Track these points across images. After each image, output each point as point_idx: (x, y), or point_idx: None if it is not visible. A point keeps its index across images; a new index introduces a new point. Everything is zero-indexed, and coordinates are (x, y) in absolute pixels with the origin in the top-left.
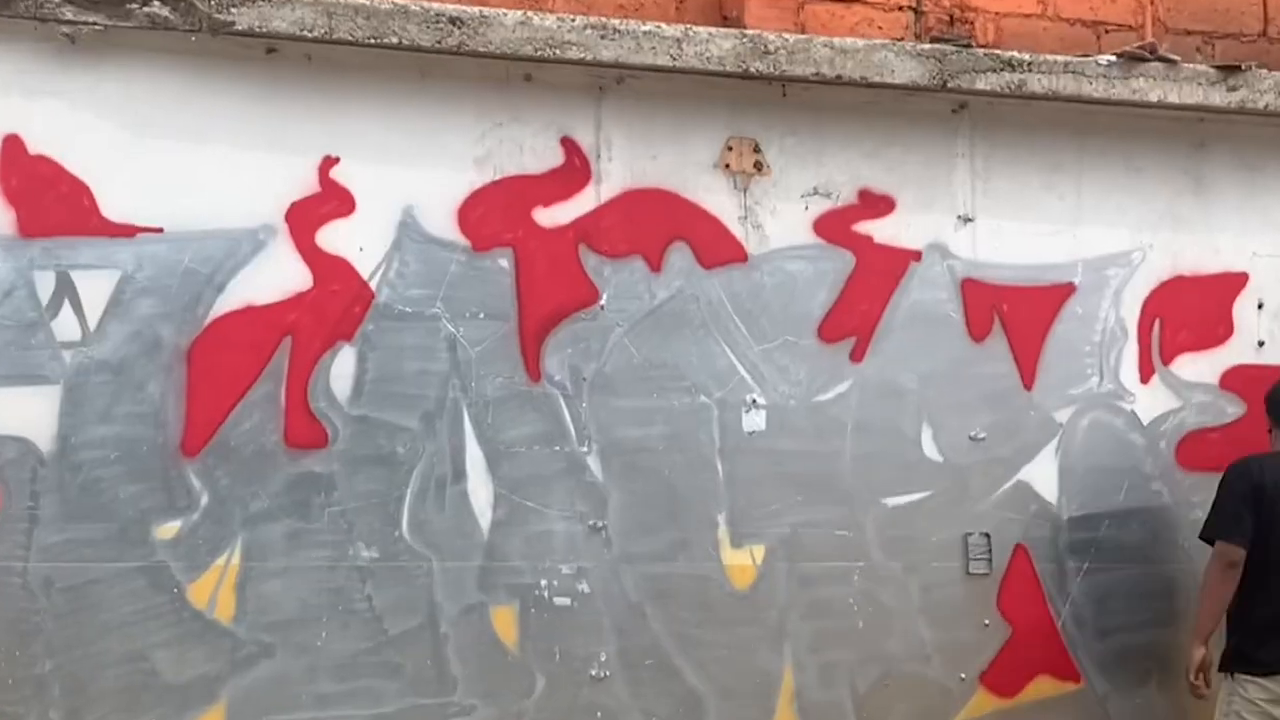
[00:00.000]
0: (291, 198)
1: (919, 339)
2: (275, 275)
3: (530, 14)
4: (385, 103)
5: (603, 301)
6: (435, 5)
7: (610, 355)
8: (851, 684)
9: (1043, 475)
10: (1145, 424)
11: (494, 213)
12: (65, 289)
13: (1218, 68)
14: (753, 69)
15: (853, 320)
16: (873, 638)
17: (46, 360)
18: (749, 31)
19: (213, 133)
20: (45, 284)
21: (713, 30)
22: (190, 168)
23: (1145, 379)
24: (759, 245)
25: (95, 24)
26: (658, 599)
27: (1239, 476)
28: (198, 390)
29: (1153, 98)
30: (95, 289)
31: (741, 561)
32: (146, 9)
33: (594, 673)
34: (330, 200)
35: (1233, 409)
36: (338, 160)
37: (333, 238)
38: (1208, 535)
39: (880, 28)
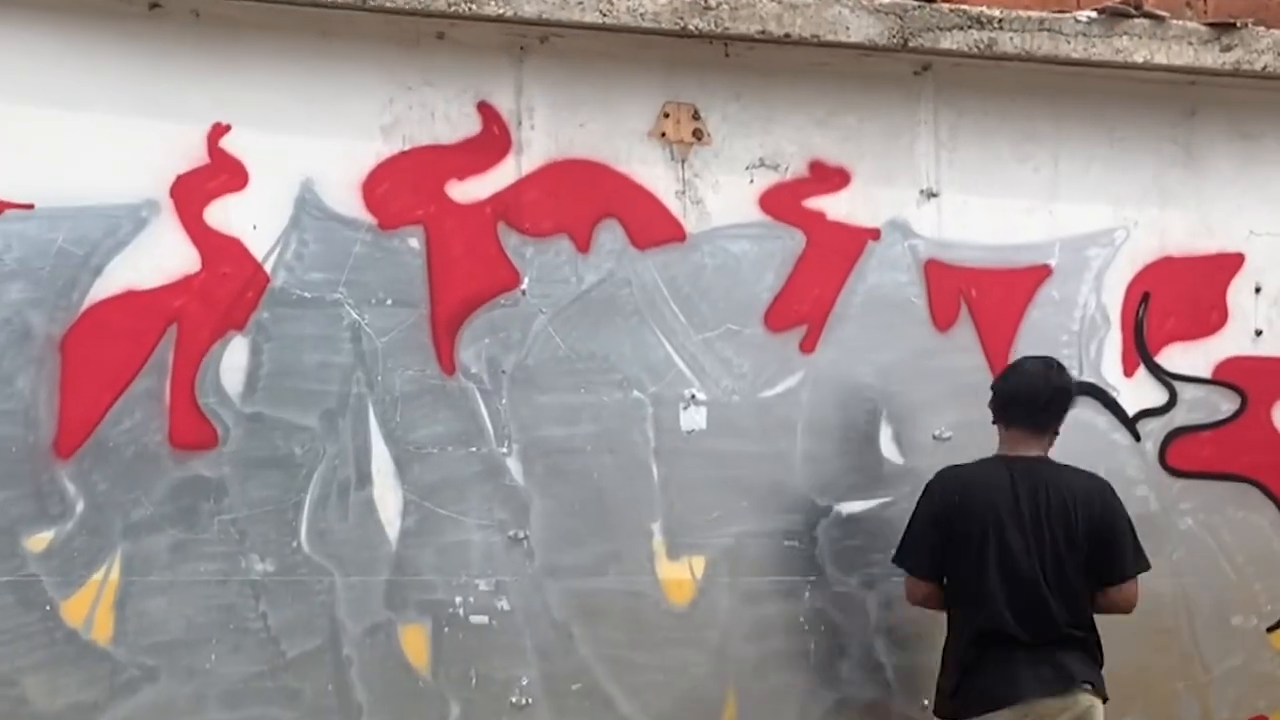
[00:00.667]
0: (177, 170)
1: (877, 327)
2: (159, 256)
3: None
4: (282, 65)
5: (524, 286)
6: None
7: (533, 346)
8: (802, 713)
9: None
10: (1131, 422)
11: (403, 187)
12: None
13: (1210, 25)
14: (692, 26)
15: (803, 306)
16: (826, 661)
17: None
18: None
19: (89, 98)
20: None
21: None
22: (64, 137)
23: (1129, 371)
24: (699, 223)
25: None
26: (586, 617)
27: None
28: (72, 385)
29: (1138, 58)
30: None
31: (679, 575)
32: None
33: (515, 699)
34: (220, 173)
35: (1227, 405)
36: (229, 129)
37: (223, 215)
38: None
39: None
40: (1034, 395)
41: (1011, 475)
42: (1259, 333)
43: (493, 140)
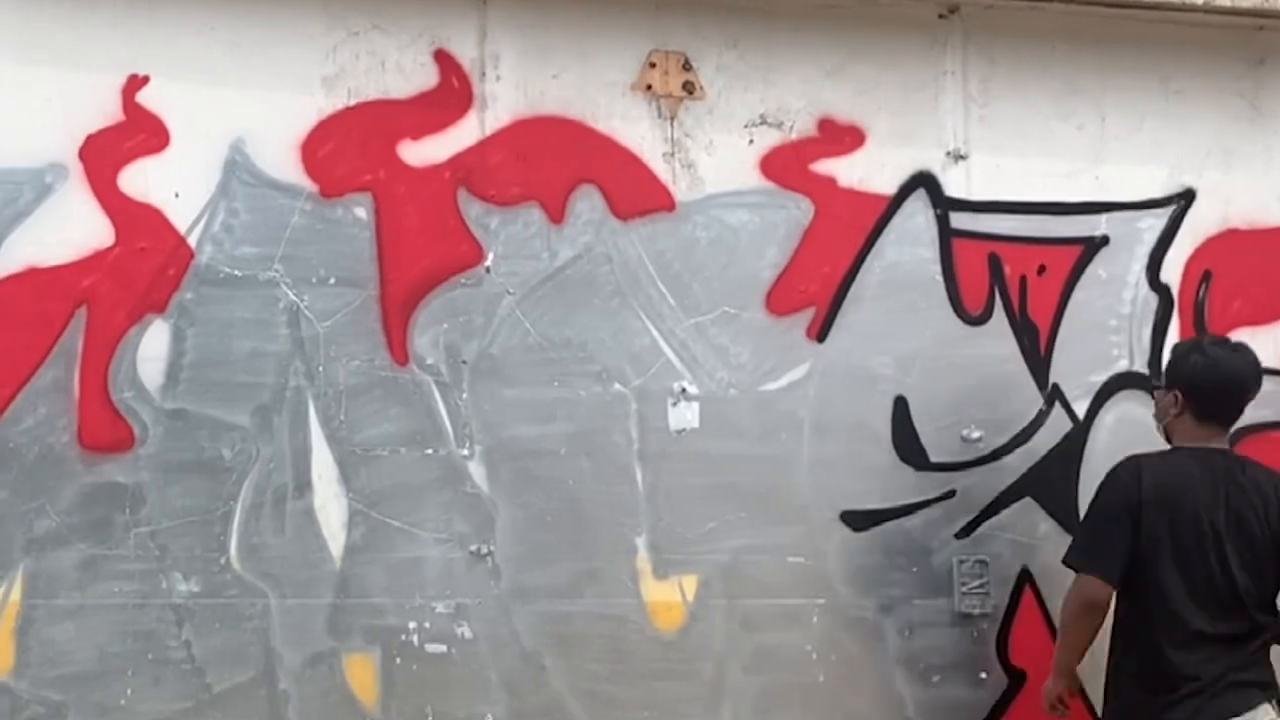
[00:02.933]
0: (87, 129)
1: (896, 311)
2: (66, 228)
3: None
4: (208, 7)
5: (488, 262)
6: None
7: (498, 332)
8: None
9: (1054, 486)
10: None
11: (348, 148)
12: None
13: None
14: None
15: (811, 287)
16: (836, 695)
17: None
18: None
19: None
20: None
21: None
22: None
23: None
24: (690, 190)
25: None
26: (559, 646)
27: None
28: None
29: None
30: None
31: (667, 598)
32: None
33: None
34: (137, 132)
35: None
36: (146, 80)
37: (140, 180)
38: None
39: None
40: (1243, 385)
41: (1213, 471)
42: None
43: (452, 94)
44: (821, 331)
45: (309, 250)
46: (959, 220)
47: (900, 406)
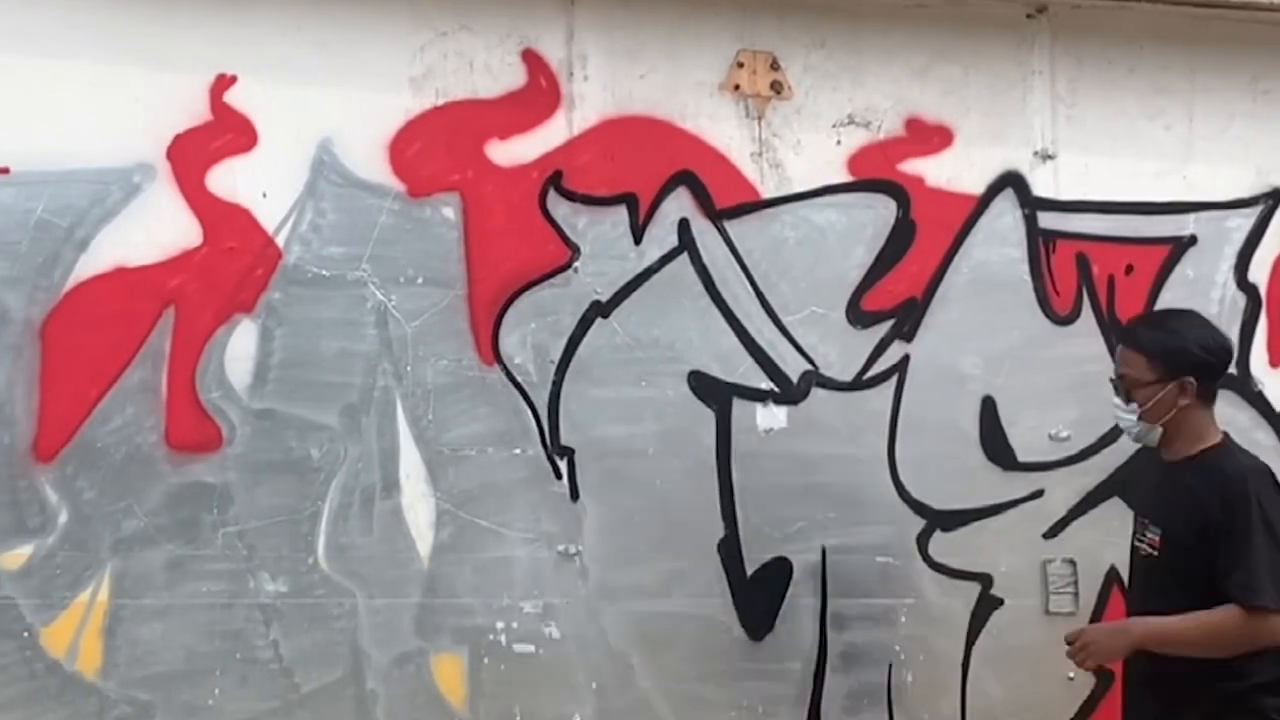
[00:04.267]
0: (175, 129)
1: (984, 310)
2: (154, 228)
3: None
4: (295, 7)
5: (576, 263)
6: None
7: (586, 332)
8: None
9: None
10: (1278, 419)
11: (436, 148)
12: None
13: None
14: None
15: (899, 287)
16: (924, 695)
17: None
18: None
19: (74, 45)
20: None
21: None
22: (45, 91)
23: (1277, 362)
24: (778, 189)
25: None
26: (647, 645)
27: None
28: (54, 377)
29: None
30: None
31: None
32: None
33: None
34: (225, 131)
35: None
36: (234, 80)
37: (228, 180)
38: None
39: None
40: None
41: None
42: None
43: (540, 94)
44: (910, 331)
45: (397, 250)
46: (1047, 220)
47: (988, 406)
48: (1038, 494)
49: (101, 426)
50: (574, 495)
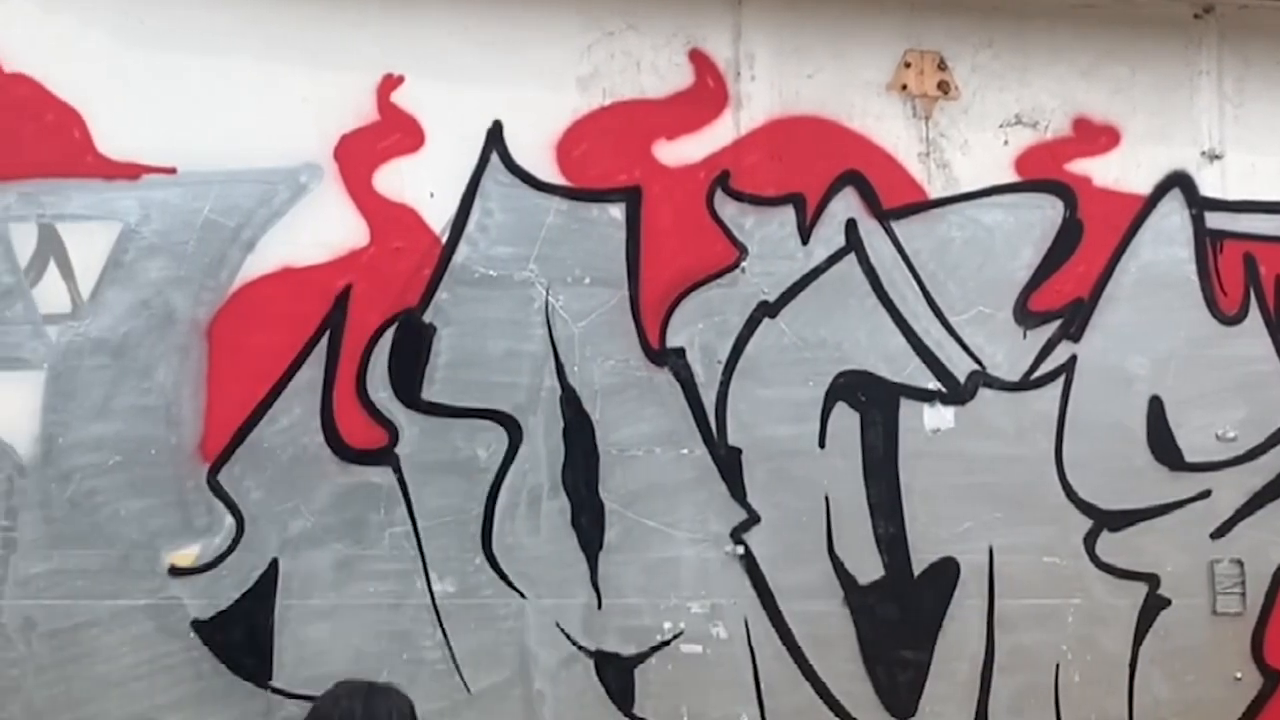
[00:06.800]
0: (342, 129)
1: (1152, 310)
2: (321, 228)
3: None
4: (461, 7)
5: (744, 262)
6: None
7: (753, 332)
8: None
9: None
10: None
11: (603, 147)
12: (50, 246)
13: None
14: None
15: (1066, 287)
16: (1091, 695)
17: (26, 339)
18: None
19: (241, 45)
20: (24, 240)
21: None
22: (212, 91)
23: None
24: (945, 188)
25: None
26: (815, 646)
27: None
28: (221, 377)
29: None
30: (89, 246)
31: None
32: None
33: None
34: (392, 131)
35: None
36: (401, 80)
37: (395, 180)
38: None
39: None
40: None
41: None
42: None
43: (707, 93)
44: (1077, 332)
45: (564, 250)
46: (1214, 220)
47: (1155, 406)
48: (1205, 494)
49: (269, 426)
50: (741, 495)
